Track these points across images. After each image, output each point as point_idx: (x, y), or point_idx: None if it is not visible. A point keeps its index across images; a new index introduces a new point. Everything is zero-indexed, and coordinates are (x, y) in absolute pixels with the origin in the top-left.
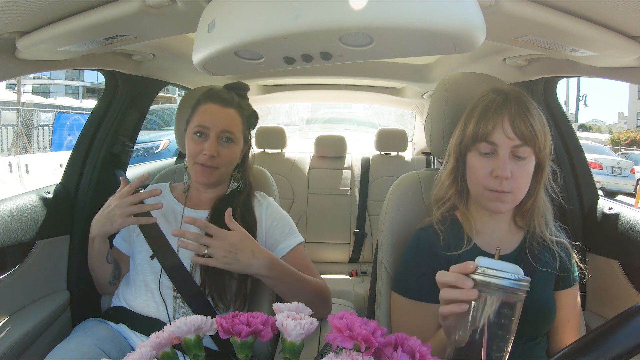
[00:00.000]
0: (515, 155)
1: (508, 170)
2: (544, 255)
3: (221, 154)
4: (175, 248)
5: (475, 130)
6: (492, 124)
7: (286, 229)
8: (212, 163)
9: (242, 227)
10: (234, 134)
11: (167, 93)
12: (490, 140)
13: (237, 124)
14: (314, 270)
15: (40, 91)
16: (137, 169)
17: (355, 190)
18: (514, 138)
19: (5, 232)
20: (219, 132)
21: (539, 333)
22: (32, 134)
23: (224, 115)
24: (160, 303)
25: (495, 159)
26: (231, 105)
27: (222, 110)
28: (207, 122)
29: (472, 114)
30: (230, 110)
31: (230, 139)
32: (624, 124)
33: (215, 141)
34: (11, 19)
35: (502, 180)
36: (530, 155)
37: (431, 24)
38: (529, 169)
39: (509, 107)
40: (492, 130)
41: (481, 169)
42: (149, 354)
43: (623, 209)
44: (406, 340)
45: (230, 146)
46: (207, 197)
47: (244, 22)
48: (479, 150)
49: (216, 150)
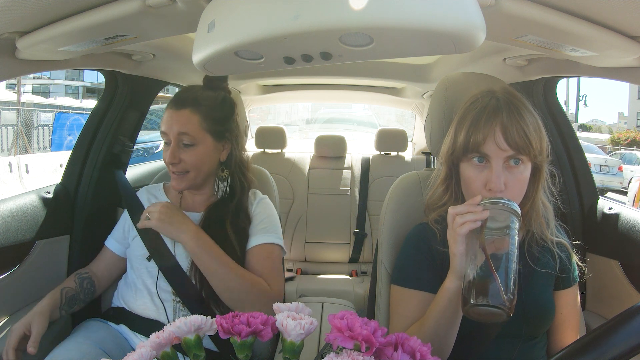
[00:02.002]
0: (509, 164)
1: (502, 182)
2: (543, 256)
3: (182, 158)
4: (172, 250)
5: (465, 141)
6: (482, 135)
7: (265, 225)
8: (178, 169)
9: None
10: (191, 134)
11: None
12: (482, 152)
13: (193, 123)
14: (274, 275)
15: (40, 91)
16: (137, 169)
17: (355, 190)
18: (506, 149)
19: (5, 232)
20: (175, 136)
21: (539, 333)
22: (32, 134)
23: (177, 119)
24: (159, 306)
25: (489, 170)
26: (184, 106)
27: (175, 114)
28: (164, 128)
29: (462, 123)
30: (184, 111)
31: (189, 143)
32: (624, 124)
33: (175, 147)
34: (11, 19)
35: (496, 193)
36: (526, 162)
37: (431, 24)
38: (524, 177)
39: (500, 115)
40: (483, 142)
41: (475, 181)
42: (149, 354)
43: (623, 209)
44: (406, 340)
45: (190, 149)
46: (199, 199)
47: (244, 22)
48: (471, 161)
49: (175, 157)
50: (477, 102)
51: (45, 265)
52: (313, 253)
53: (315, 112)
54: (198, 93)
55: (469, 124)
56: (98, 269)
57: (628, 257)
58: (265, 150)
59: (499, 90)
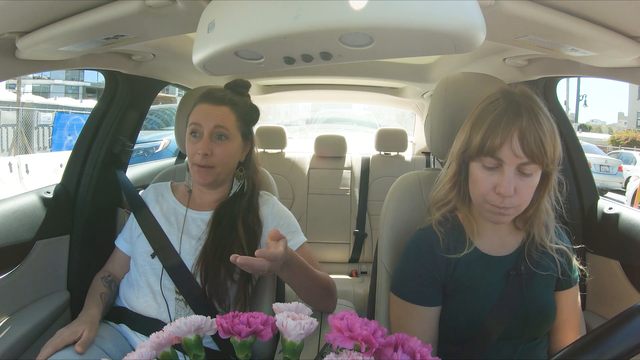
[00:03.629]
0: (521, 171)
1: (512, 188)
2: (543, 260)
3: (215, 152)
4: (178, 249)
5: (481, 143)
6: (500, 139)
7: (292, 228)
8: (206, 162)
9: (278, 248)
10: (227, 129)
11: (167, 93)
12: (497, 157)
13: (230, 119)
14: (319, 267)
15: (40, 91)
16: (137, 169)
17: (355, 190)
18: (521, 156)
19: (5, 232)
20: (211, 129)
21: (540, 334)
22: (32, 134)
23: (216, 113)
24: (162, 304)
25: (500, 174)
26: (222, 103)
27: (214, 109)
28: (199, 120)
29: (480, 124)
30: (222, 107)
31: (224, 135)
32: (624, 124)
33: (208, 139)
34: (11, 19)
35: (504, 197)
36: (537, 170)
37: (431, 24)
38: (534, 183)
39: (520, 121)
40: (499, 147)
41: (484, 182)
42: (149, 354)
43: (623, 209)
44: (406, 340)
45: (224, 143)
46: (210, 198)
47: (244, 22)
48: (483, 163)
49: (209, 149)
50: (497, 104)
51: (45, 265)
52: (313, 253)
53: (315, 112)
54: (232, 95)
55: (487, 126)
56: (114, 269)
57: (628, 257)
58: (265, 150)
59: (519, 92)
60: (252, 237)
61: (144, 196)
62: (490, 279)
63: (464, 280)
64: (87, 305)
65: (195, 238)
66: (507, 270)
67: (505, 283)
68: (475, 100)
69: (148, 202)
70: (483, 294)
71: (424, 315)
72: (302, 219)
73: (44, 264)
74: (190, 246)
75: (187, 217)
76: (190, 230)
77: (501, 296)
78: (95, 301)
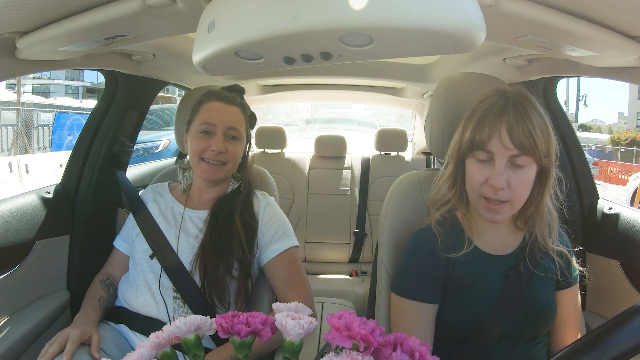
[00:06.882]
0: (513, 163)
1: (503, 180)
2: (544, 260)
3: (228, 150)
4: (175, 248)
5: (471, 137)
6: (488, 132)
7: (280, 231)
8: (220, 159)
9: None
10: (239, 131)
11: (167, 93)
12: (487, 149)
13: (241, 121)
14: (302, 276)
15: (40, 91)
16: (137, 169)
17: (355, 190)
18: (511, 148)
19: (5, 232)
20: (225, 128)
21: (539, 333)
22: (32, 134)
23: (230, 112)
24: (160, 303)
25: (492, 167)
26: (234, 103)
27: (227, 108)
28: (213, 119)
29: (470, 120)
30: (235, 108)
31: (236, 137)
32: (624, 124)
33: (222, 137)
34: (11, 19)
35: (497, 189)
36: (531, 163)
37: (431, 24)
38: (528, 177)
39: (507, 114)
40: (488, 140)
41: (477, 176)
42: (148, 353)
43: (623, 209)
44: (405, 340)
45: (236, 143)
46: (207, 197)
47: (244, 22)
48: (476, 157)
49: (224, 146)
50: (487, 100)
51: (45, 265)
52: (313, 253)
53: (315, 112)
54: (237, 97)
55: (476, 121)
56: (113, 271)
57: (628, 257)
58: (265, 150)
59: (510, 90)
60: (250, 232)
61: (143, 196)
62: (490, 278)
63: (463, 278)
64: (86, 308)
65: (192, 236)
66: (507, 269)
67: (504, 282)
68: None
69: (146, 201)
70: (482, 293)
71: (423, 311)
72: (302, 219)
73: (44, 264)
74: (188, 244)
75: (185, 216)
76: (187, 228)
77: (500, 295)
78: (94, 306)
